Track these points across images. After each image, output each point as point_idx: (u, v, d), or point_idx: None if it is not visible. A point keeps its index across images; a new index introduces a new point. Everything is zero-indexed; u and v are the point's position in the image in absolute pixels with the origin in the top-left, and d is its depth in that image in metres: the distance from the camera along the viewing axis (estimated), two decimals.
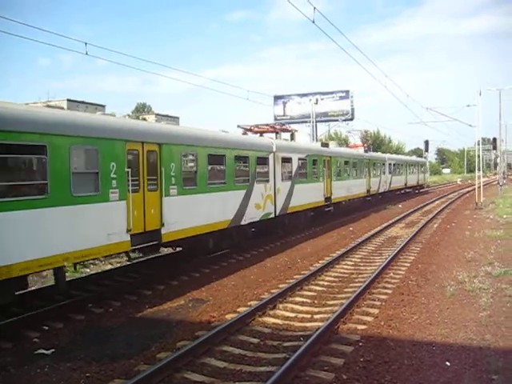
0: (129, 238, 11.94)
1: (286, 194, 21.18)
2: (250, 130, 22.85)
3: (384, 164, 40.74)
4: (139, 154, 12.40)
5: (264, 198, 19.10)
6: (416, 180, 55.13)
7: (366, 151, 37.69)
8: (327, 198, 26.63)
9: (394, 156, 51.96)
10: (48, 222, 9.88)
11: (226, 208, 16.59)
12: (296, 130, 26.69)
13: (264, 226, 20.21)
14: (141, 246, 12.47)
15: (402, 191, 49.22)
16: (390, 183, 42.31)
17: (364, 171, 34.17)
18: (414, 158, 62.69)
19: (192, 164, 15.06)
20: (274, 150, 20.20)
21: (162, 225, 13.05)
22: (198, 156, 14.95)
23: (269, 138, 21.68)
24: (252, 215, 18.13)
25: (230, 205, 16.78)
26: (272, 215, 19.84)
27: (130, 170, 11.88)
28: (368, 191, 35.06)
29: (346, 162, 30.38)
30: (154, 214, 12.80)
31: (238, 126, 22.82)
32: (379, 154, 44.33)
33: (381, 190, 39.09)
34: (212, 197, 15.63)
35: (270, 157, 19.89)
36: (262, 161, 19.43)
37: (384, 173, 40.38)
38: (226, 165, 16.55)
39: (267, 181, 19.59)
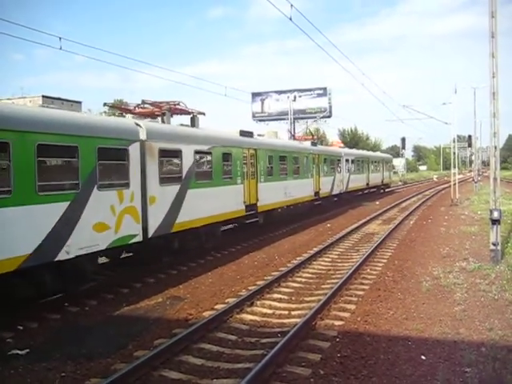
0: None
1: (170, 205, 14.47)
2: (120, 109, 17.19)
3: (340, 160, 35.24)
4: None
5: (117, 214, 12.25)
6: (380, 179, 49.70)
7: (313, 144, 31.49)
8: (250, 206, 19.98)
9: (353, 151, 46.17)
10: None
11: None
12: (203, 113, 18.46)
13: (120, 256, 15.11)
14: None
15: (365, 191, 44.55)
16: (348, 183, 36.70)
17: (311, 169, 28.33)
18: (378, 153, 56.49)
19: None
20: (143, 137, 13.39)
21: None
22: None
23: (132, 120, 14.59)
24: (84, 243, 11.20)
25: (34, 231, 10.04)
26: (137, 238, 13.03)
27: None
28: (317, 194, 29.32)
29: (283, 158, 24.20)
30: None
31: (105, 104, 19.02)
32: (333, 149, 39.97)
33: (335, 192, 33.40)
34: None
35: (133, 148, 12.92)
36: (114, 154, 12.52)
37: (339, 171, 34.78)
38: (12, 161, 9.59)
39: (124, 186, 12.64)
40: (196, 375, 7.52)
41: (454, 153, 39.16)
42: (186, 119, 18.28)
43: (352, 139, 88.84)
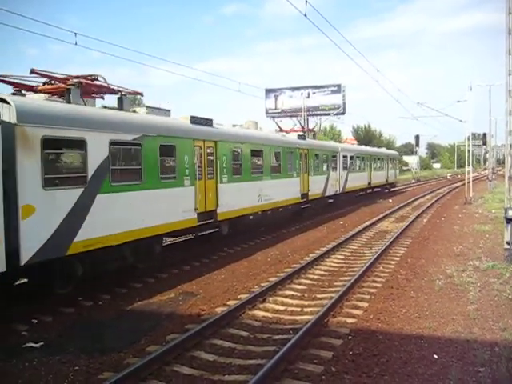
0: None
1: (65, 216, 10.54)
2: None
3: (336, 157, 31.04)
4: None
5: None
6: (384, 177, 45.30)
7: (301, 137, 26.86)
8: (207, 213, 16.00)
9: (352, 146, 41.33)
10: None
11: None
12: (139, 93, 15.82)
13: None
14: None
15: (368, 191, 40.58)
16: (346, 182, 32.76)
17: (296, 166, 24.14)
18: (382, 150, 51.79)
19: None
20: (10, 119, 9.49)
21: None
22: None
23: None
24: None
25: None
26: None
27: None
28: (305, 195, 25.16)
29: (257, 153, 20.08)
30: None
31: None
32: (327, 143, 34.75)
33: (329, 193, 29.34)
34: None
35: None
36: None
37: (335, 169, 30.64)
38: None
39: None
40: (208, 371, 7.56)
41: (469, 151, 38.86)
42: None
43: (366, 136, 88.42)
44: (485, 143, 56.13)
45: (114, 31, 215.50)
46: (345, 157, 33.02)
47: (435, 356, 7.88)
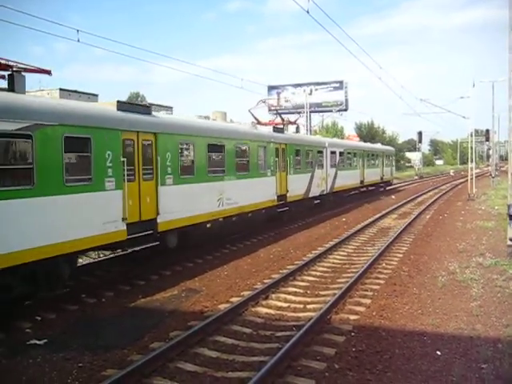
0: None
1: None
2: None
3: (322, 153, 27.88)
4: None
5: None
6: (379, 175, 42.21)
7: (277, 130, 22.71)
8: (141, 224, 12.77)
9: (342, 141, 38.62)
10: None
11: None
12: (46, 72, 11.98)
13: None
14: None
15: (362, 190, 37.93)
16: (335, 181, 29.65)
17: (271, 164, 20.69)
18: (376, 145, 48.02)
19: None
20: None
21: None
22: None
23: None
24: None
25: None
26: None
27: None
28: (282, 197, 21.74)
29: (217, 148, 16.76)
30: None
31: None
32: (311, 138, 32.20)
33: (314, 193, 26.15)
34: None
35: None
36: None
37: (321, 166, 27.45)
38: None
39: None
40: (211, 367, 7.57)
41: (472, 147, 38.77)
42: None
43: (368, 133, 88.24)
44: (488, 139, 55.95)
45: (117, 29, 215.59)
46: (333, 153, 29.89)
47: (438, 352, 7.88)
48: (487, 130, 53.01)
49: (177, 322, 9.75)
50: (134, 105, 13.65)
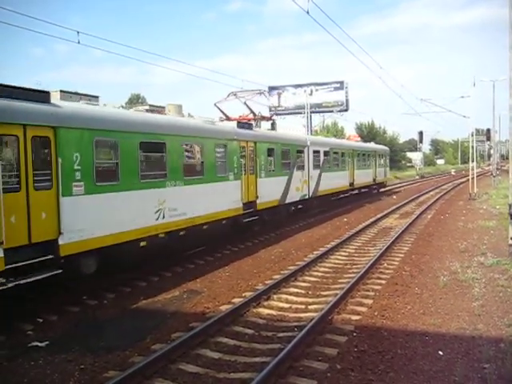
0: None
1: None
2: None
3: (302, 152, 24.65)
4: None
5: None
6: (371, 176, 38.92)
7: (243, 126, 19.07)
8: (33, 249, 9.77)
9: (326, 140, 34.29)
10: None
11: None
12: None
13: None
14: None
15: (354, 192, 34.70)
16: (319, 184, 26.53)
17: (233, 166, 17.45)
18: (369, 144, 45.37)
19: None
20: None
21: None
22: None
23: None
24: None
25: None
26: None
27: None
28: (250, 204, 18.61)
29: (151, 146, 13.72)
30: None
31: None
32: (288, 135, 26.57)
33: (293, 198, 22.85)
34: None
35: None
36: None
37: (301, 167, 24.30)
38: None
39: None
40: (213, 369, 7.56)
41: (472, 146, 38.74)
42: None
43: (369, 133, 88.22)
44: (489, 139, 55.95)
45: (116, 30, 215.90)
46: (316, 152, 26.72)
47: (440, 352, 7.87)
48: (488, 130, 53.07)
49: (178, 323, 9.74)
50: (12, 87, 9.82)
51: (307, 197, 24.90)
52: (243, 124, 19.28)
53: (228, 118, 20.63)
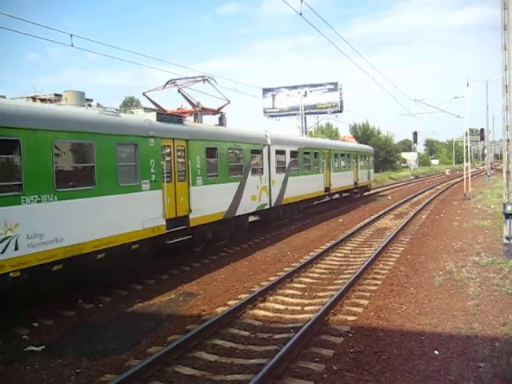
0: None
1: None
2: None
3: (260, 152, 20.31)
4: None
5: None
6: (352, 179, 34.35)
7: (167, 118, 14.93)
8: None
9: (294, 138, 29.42)
10: None
11: None
12: None
13: None
14: None
15: (334, 197, 32.57)
16: (284, 191, 22.07)
17: (148, 172, 13.23)
18: (349, 143, 43.31)
19: None
20: None
21: None
22: None
23: None
24: None
25: None
26: None
27: None
28: (180, 221, 14.62)
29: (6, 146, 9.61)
30: None
31: None
32: (240, 131, 19.88)
33: (246, 210, 18.74)
34: None
35: None
36: None
37: (260, 171, 20.21)
38: None
39: None
40: (209, 371, 7.57)
41: (467, 146, 38.88)
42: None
43: (364, 134, 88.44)
44: (482, 138, 56.22)
45: (111, 33, 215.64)
46: (281, 153, 22.36)
47: (436, 352, 7.89)
48: (482, 129, 53.29)
49: (175, 325, 9.74)
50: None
51: (268, 206, 20.58)
52: (167, 116, 15.16)
53: (162, 111, 17.19)
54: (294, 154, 23.84)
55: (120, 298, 12.03)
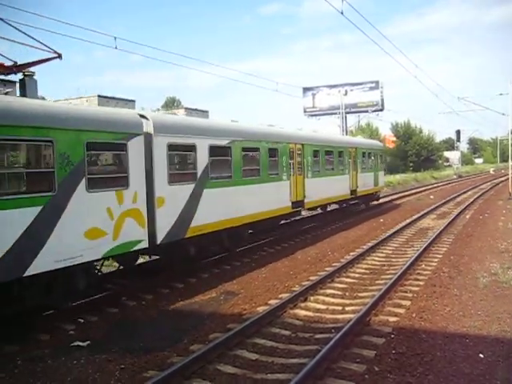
0: None
1: None
2: None
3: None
4: None
5: None
6: (347, 187, 25.29)
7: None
8: None
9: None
10: None
11: None
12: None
13: None
14: None
15: (306, 215, 25.21)
16: (192, 213, 13.06)
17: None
18: (346, 137, 37.26)
19: None
20: None
21: None
22: None
23: None
24: None
25: None
26: None
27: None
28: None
29: None
30: None
31: None
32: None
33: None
34: None
35: None
36: None
37: (123, 183, 11.06)
38: None
39: None
40: (250, 370, 7.61)
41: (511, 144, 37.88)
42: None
43: (405, 132, 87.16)
44: None
45: (152, 34, 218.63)
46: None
47: (481, 355, 7.73)
48: None
49: (216, 324, 9.82)
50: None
51: (143, 246, 11.57)
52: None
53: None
54: (213, 150, 14.12)
55: (162, 296, 12.21)
